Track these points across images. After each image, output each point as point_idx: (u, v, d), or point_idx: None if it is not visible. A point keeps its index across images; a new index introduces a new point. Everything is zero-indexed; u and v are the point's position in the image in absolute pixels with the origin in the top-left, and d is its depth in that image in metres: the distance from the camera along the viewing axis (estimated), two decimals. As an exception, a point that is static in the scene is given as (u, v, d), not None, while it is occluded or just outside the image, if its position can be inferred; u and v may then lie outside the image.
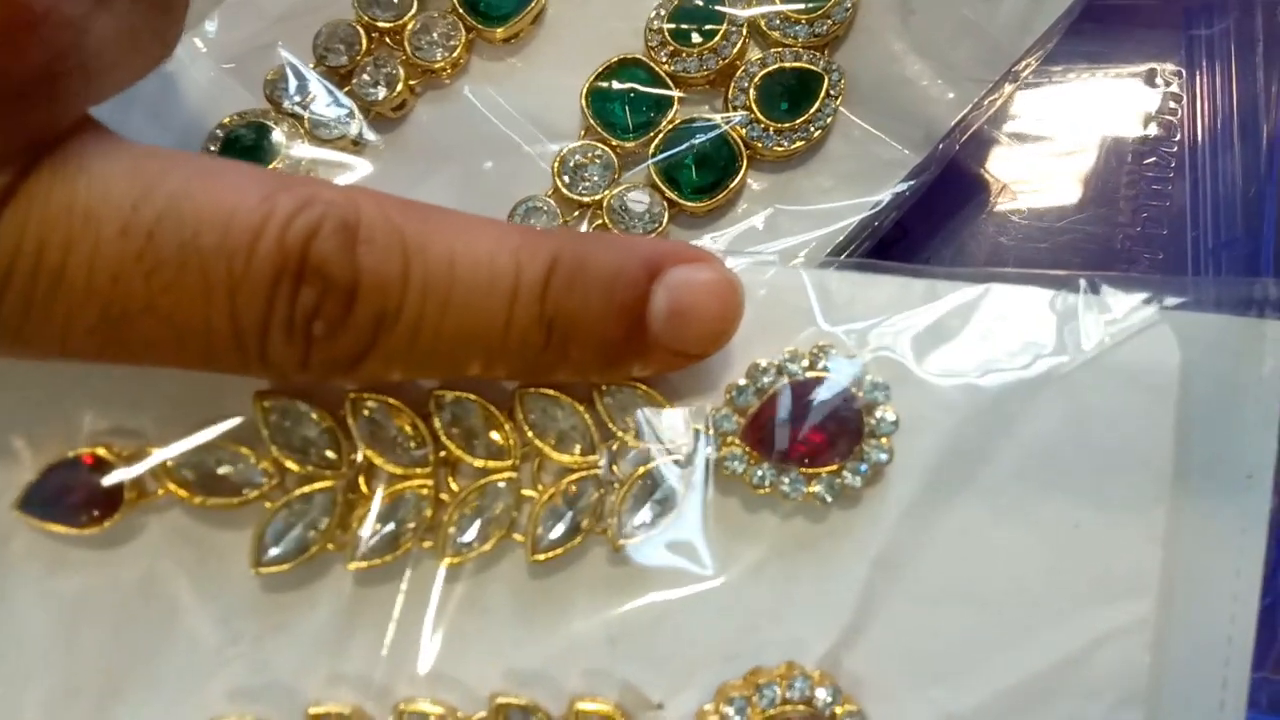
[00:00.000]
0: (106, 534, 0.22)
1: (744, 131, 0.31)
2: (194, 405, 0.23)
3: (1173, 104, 0.39)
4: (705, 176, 0.31)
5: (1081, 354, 0.25)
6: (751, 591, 0.24)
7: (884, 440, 0.24)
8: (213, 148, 0.29)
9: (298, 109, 0.30)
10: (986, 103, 0.32)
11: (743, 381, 0.24)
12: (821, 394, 0.24)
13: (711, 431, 0.24)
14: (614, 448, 0.24)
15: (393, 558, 0.23)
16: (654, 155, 0.31)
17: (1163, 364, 0.25)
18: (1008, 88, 0.32)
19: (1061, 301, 0.25)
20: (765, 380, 0.24)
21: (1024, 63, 0.32)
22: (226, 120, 0.30)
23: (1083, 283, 0.25)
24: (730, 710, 0.23)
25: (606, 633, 0.24)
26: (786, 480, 0.24)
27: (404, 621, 0.24)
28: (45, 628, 0.22)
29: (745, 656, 0.24)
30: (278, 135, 0.30)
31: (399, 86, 0.30)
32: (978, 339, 0.25)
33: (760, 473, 0.24)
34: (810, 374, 0.24)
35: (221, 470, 0.22)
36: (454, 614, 0.24)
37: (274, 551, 0.22)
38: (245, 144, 0.29)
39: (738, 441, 0.24)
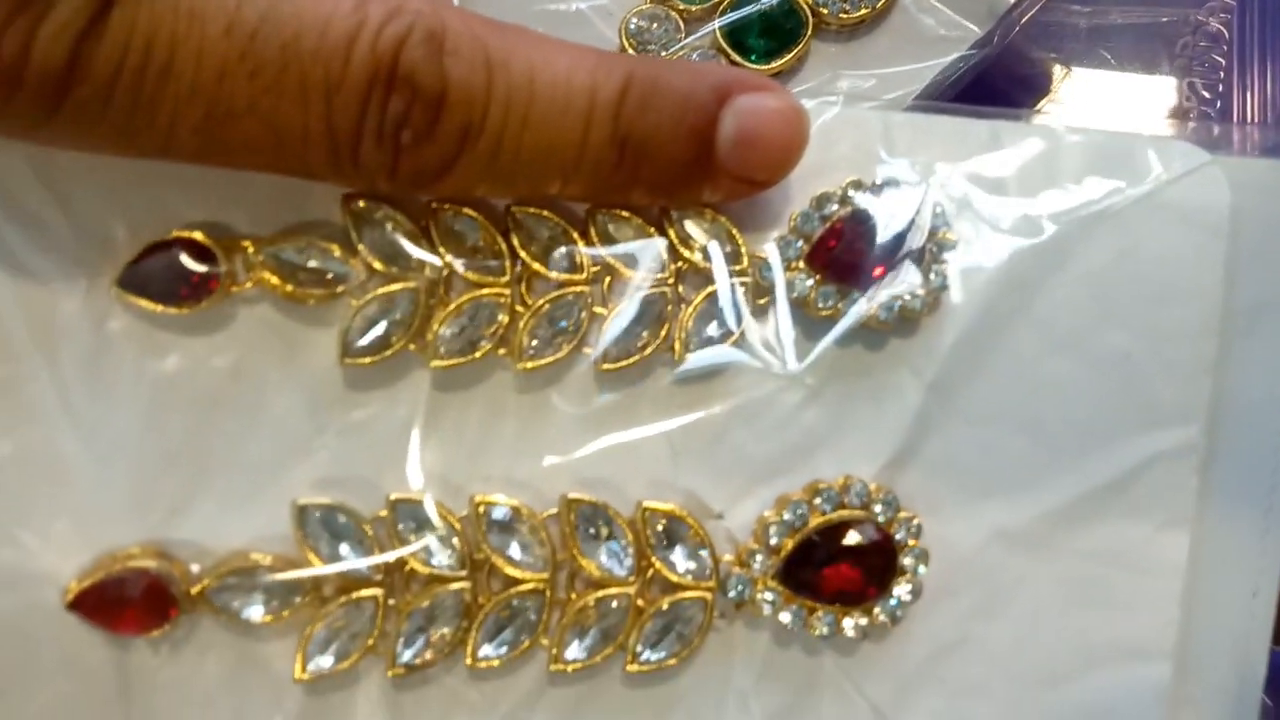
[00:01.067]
0: (199, 320, 0.23)
1: None
2: (285, 205, 0.23)
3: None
4: (771, 41, 0.31)
5: (1136, 193, 0.25)
6: (809, 412, 0.25)
7: (944, 267, 0.25)
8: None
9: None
10: None
11: (807, 208, 0.25)
12: (883, 220, 0.25)
13: (776, 256, 0.25)
14: (682, 268, 0.25)
15: (469, 360, 0.24)
16: (720, 18, 0.31)
17: (1214, 203, 0.25)
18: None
19: (1118, 144, 0.26)
20: (830, 208, 0.25)
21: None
22: None
23: (1138, 127, 0.26)
24: (790, 516, 0.24)
25: (669, 445, 0.25)
26: (847, 301, 0.25)
27: (478, 425, 0.24)
28: (138, 406, 0.23)
29: (802, 472, 0.25)
30: None
31: None
32: (1036, 177, 0.26)
33: (825, 294, 0.25)
34: (873, 201, 0.25)
35: (311, 264, 0.23)
36: (526, 421, 0.25)
37: (359, 344, 0.23)
38: None
39: (802, 265, 0.25)
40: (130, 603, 0.22)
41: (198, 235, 0.22)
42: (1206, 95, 0.37)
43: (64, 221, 0.22)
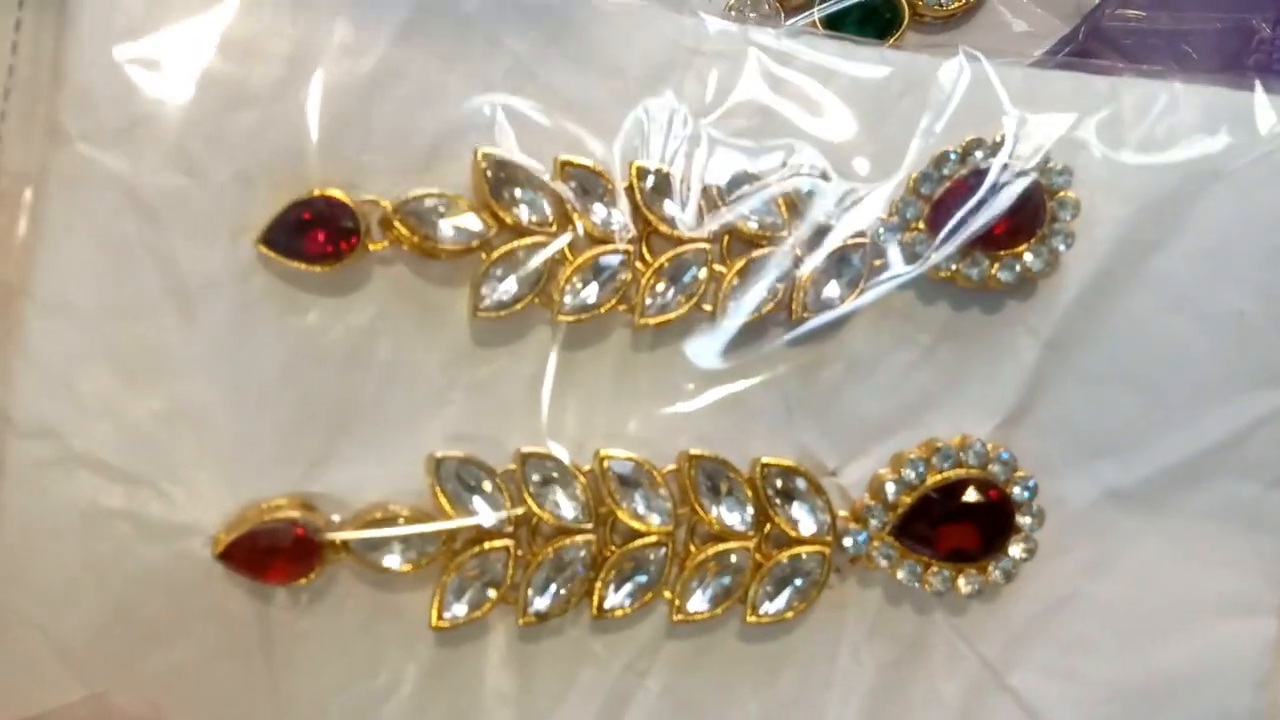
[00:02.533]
0: (338, 277, 0.23)
1: None
2: (415, 165, 0.24)
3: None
4: (868, 29, 0.32)
5: (1251, 151, 0.25)
6: (924, 373, 0.26)
7: (1067, 225, 0.25)
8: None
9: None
10: None
11: (926, 169, 0.25)
12: (1005, 179, 0.25)
13: (897, 217, 0.25)
14: (800, 228, 0.25)
15: (592, 316, 0.24)
16: (819, 6, 0.32)
17: (1333, 164, 0.25)
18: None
19: (1235, 102, 0.26)
20: (948, 168, 0.25)
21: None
22: None
23: (1257, 83, 0.26)
24: (909, 473, 0.25)
25: (785, 403, 0.25)
26: (968, 262, 0.25)
27: (601, 381, 0.25)
28: (280, 361, 0.23)
29: (915, 431, 0.26)
30: None
31: None
32: (1155, 135, 0.26)
33: (942, 256, 0.25)
34: (993, 160, 0.25)
35: (444, 219, 0.23)
36: (646, 377, 0.25)
37: (489, 299, 0.23)
38: None
39: (922, 226, 0.25)
40: (279, 553, 0.22)
41: (337, 193, 0.23)
42: None
43: (205, 179, 0.23)
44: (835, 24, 0.32)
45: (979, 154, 0.25)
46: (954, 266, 0.25)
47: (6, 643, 0.23)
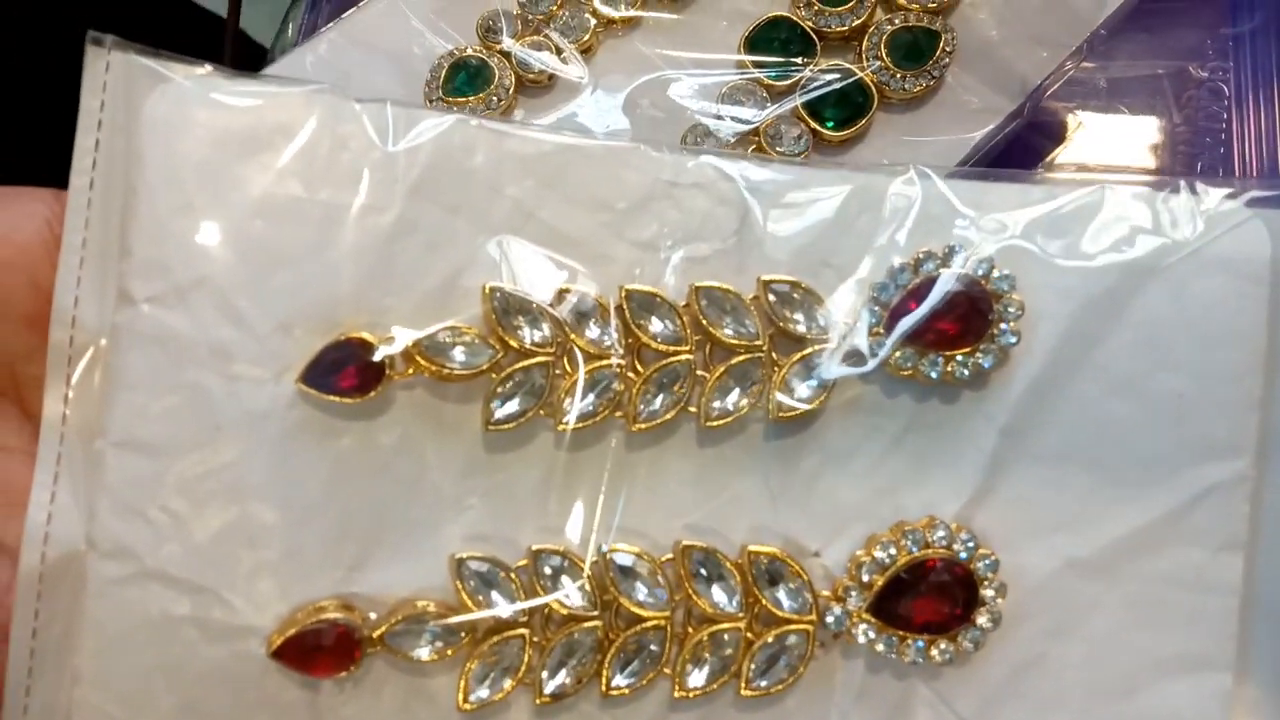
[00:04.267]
0: (366, 407, 0.27)
1: (875, 77, 0.36)
2: (430, 303, 0.27)
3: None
4: (843, 112, 0.35)
5: (1183, 247, 0.28)
6: (894, 460, 0.28)
7: (1012, 325, 0.28)
8: (440, 69, 0.37)
9: (508, 47, 0.37)
10: (1068, 64, 0.37)
11: (883, 279, 0.28)
12: (954, 286, 0.28)
13: (860, 323, 0.28)
14: (774, 335, 0.28)
15: (591, 424, 0.27)
16: (800, 93, 0.35)
17: (1257, 254, 0.28)
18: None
19: (1164, 200, 0.28)
20: (904, 278, 0.28)
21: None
22: (454, 51, 0.37)
23: (1182, 184, 0.29)
24: (881, 554, 0.27)
25: (769, 492, 0.28)
26: (926, 362, 0.28)
27: (601, 481, 0.28)
28: (321, 481, 0.27)
29: (889, 514, 0.28)
30: (495, 66, 0.36)
31: (587, 35, 0.35)
32: (1091, 234, 0.28)
33: (905, 356, 0.28)
34: (943, 270, 0.28)
35: (457, 348, 0.27)
36: (642, 476, 0.28)
37: (499, 414, 0.27)
38: (472, 68, 0.37)
39: (881, 331, 0.28)
40: (323, 650, 0.26)
41: (365, 335, 0.26)
42: (1209, 141, 0.40)
43: (251, 330, 0.27)
44: (816, 107, 0.36)
45: (930, 265, 0.28)
46: (913, 365, 0.28)
47: (93, 738, 0.27)
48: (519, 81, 0.37)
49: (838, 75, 0.36)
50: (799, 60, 0.36)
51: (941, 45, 0.36)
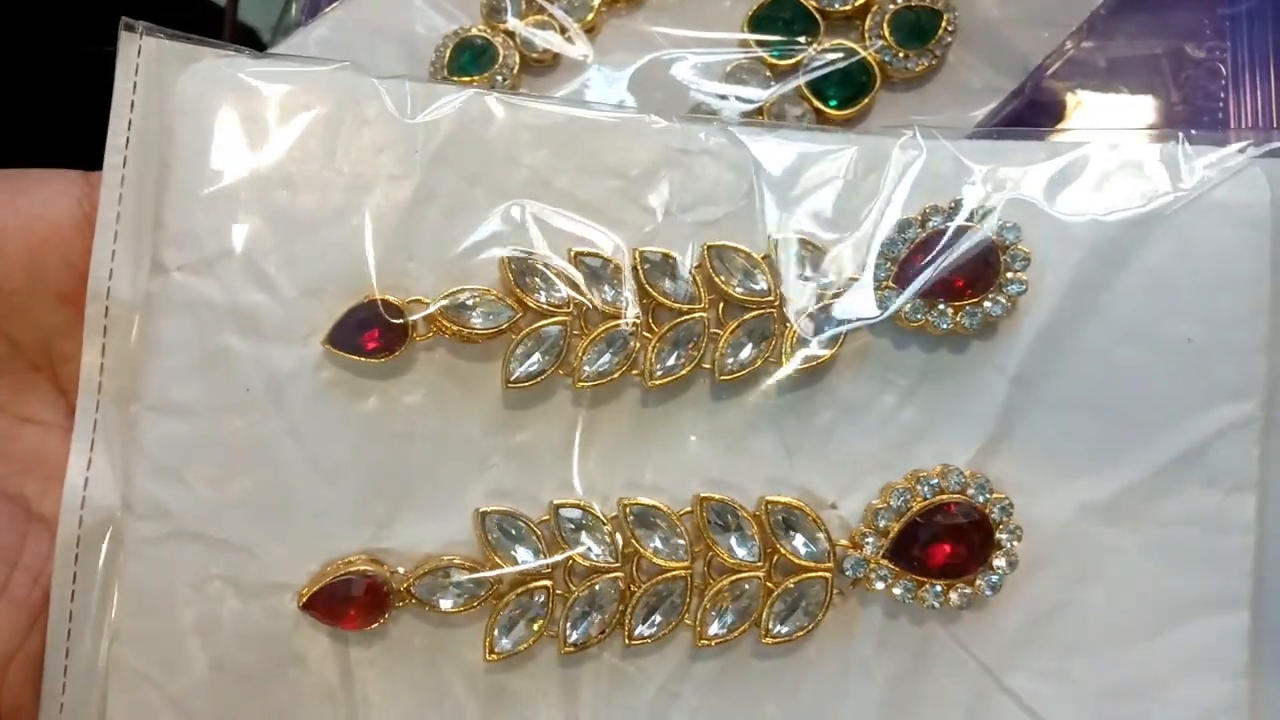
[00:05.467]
0: (391, 367, 0.28)
1: (878, 56, 0.37)
2: (448, 267, 0.28)
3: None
4: (846, 91, 0.36)
5: (1184, 196, 0.29)
6: (907, 412, 0.29)
7: (1019, 274, 0.28)
8: (445, 49, 0.38)
9: (513, 26, 0.38)
10: (1068, 44, 0.38)
11: (891, 234, 0.29)
12: (961, 238, 0.28)
13: (868, 276, 0.29)
14: (789, 293, 0.28)
15: (607, 380, 0.28)
16: (803, 72, 0.36)
17: (1256, 199, 0.28)
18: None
19: (1165, 152, 0.29)
20: (911, 232, 0.29)
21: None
22: (459, 30, 0.38)
23: (1181, 136, 0.29)
24: (896, 501, 0.28)
25: (784, 446, 0.29)
26: (935, 313, 0.28)
27: (618, 437, 0.29)
28: (349, 440, 0.28)
29: (903, 464, 0.29)
30: (499, 45, 0.37)
31: (591, 14, 0.36)
32: (1095, 186, 0.29)
33: (915, 308, 0.28)
34: (950, 223, 0.28)
35: (477, 309, 0.28)
36: (658, 431, 0.29)
37: (518, 373, 0.27)
38: (477, 47, 0.37)
39: (891, 285, 0.28)
40: (353, 600, 0.26)
41: (389, 297, 0.27)
42: (1206, 120, 0.41)
43: (279, 294, 0.28)
44: (819, 86, 0.37)
45: (936, 219, 0.28)
46: (922, 317, 0.28)
47: (129, 700, 0.27)
48: (523, 61, 0.38)
49: (841, 54, 0.37)
50: (802, 39, 0.37)
51: (944, 25, 0.37)
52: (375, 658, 0.28)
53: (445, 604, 0.27)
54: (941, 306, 0.28)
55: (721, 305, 0.29)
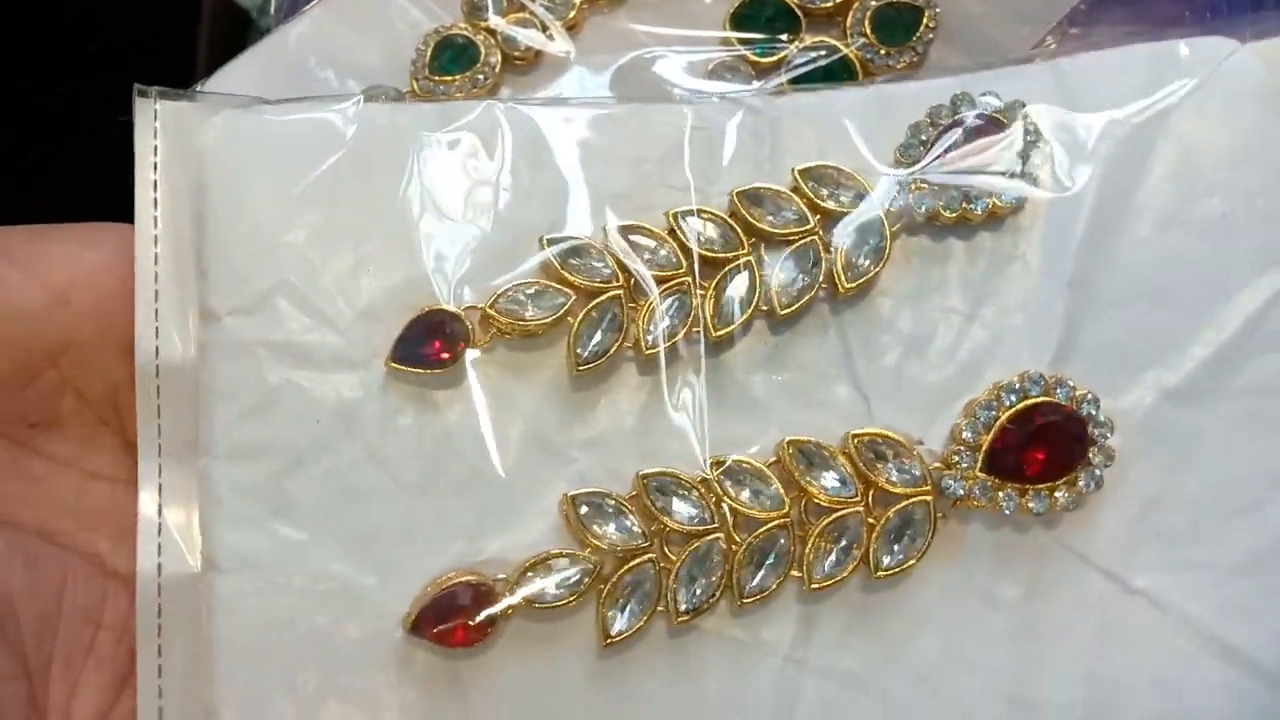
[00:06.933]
0: (454, 375, 0.27)
1: (859, 53, 0.38)
2: (490, 270, 0.28)
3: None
4: None
5: (1190, 85, 0.29)
6: (971, 335, 0.29)
7: (1034, 167, 0.29)
8: (426, 47, 0.38)
9: (494, 24, 0.38)
10: (1049, 39, 0.39)
11: (906, 139, 0.29)
12: (984, 129, 0.29)
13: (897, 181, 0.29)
14: (821, 218, 0.29)
15: (676, 340, 0.28)
16: (786, 70, 0.37)
17: (1252, 73, 0.29)
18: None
19: (1163, 53, 0.30)
20: (926, 132, 0.29)
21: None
22: (440, 28, 0.37)
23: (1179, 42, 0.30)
24: (983, 414, 0.28)
25: (859, 393, 0.29)
26: (970, 201, 0.28)
27: (692, 407, 0.28)
28: (426, 455, 0.27)
29: (980, 387, 0.28)
30: (480, 44, 0.37)
31: (573, 12, 0.37)
32: (1104, 89, 0.30)
33: (947, 201, 0.28)
34: (973, 115, 0.29)
35: (529, 301, 0.27)
36: (731, 395, 0.28)
37: (586, 352, 0.27)
38: (458, 46, 0.37)
39: (925, 184, 0.29)
40: (461, 613, 0.26)
41: (447, 307, 0.27)
42: None
43: (332, 323, 0.27)
44: (800, 83, 0.37)
45: (964, 108, 0.29)
46: (959, 207, 0.28)
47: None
48: (505, 59, 0.38)
49: (822, 52, 0.38)
50: (784, 37, 0.38)
51: (925, 21, 0.38)
52: (485, 661, 0.27)
53: (552, 598, 0.26)
54: (953, 192, 0.28)
55: (763, 245, 0.29)
